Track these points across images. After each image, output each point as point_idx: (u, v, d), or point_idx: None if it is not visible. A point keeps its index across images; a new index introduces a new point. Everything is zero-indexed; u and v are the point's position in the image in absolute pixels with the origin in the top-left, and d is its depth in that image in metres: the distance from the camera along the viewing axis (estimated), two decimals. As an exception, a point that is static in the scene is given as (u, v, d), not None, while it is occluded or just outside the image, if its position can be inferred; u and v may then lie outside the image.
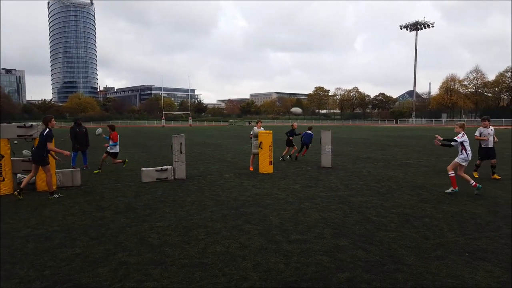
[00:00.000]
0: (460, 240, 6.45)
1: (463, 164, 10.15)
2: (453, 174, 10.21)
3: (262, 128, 15.28)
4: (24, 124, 11.48)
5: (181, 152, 13.09)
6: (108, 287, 4.79)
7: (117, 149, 15.02)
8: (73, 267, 5.42)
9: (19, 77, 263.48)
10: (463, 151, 10.04)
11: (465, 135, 10.05)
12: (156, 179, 12.58)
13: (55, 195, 10.19)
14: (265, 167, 14.24)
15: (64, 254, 5.97)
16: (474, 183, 9.98)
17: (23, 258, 5.83)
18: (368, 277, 5.00)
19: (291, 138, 17.83)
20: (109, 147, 14.89)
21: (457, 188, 10.17)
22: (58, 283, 4.92)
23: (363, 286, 4.75)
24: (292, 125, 18.42)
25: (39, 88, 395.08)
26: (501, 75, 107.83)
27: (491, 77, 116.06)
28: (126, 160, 16.11)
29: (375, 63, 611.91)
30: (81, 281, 4.97)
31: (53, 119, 10.57)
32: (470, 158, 10.05)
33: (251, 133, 15.42)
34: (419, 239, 6.52)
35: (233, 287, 4.76)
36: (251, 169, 15.03)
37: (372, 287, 4.72)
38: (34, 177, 10.97)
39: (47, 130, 10.18)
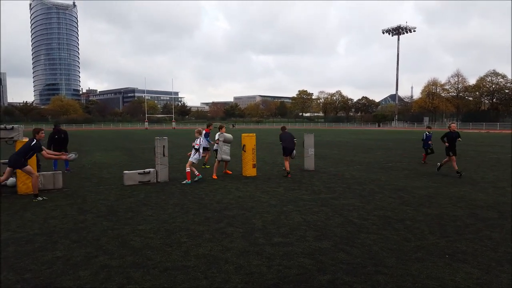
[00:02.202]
0: (440, 242, 6.53)
1: None
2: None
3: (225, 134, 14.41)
4: (5, 126, 11.33)
5: (164, 155, 13.03)
6: (89, 291, 4.76)
7: None
8: (54, 270, 5.36)
9: (0, 79, 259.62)
10: None
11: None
12: (139, 182, 12.51)
13: (39, 198, 10.09)
14: (249, 170, 14.25)
15: (45, 257, 5.90)
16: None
17: (3, 261, 5.74)
18: (349, 279, 5.04)
19: None
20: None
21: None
22: (39, 287, 4.87)
23: (344, 288, 4.79)
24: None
25: (21, 90, 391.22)
26: (482, 79, 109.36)
27: (472, 81, 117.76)
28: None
29: (358, 66, 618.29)
30: (62, 284, 4.92)
31: (42, 132, 10.55)
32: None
33: (217, 138, 14.30)
34: (400, 241, 6.59)
35: (215, 290, 4.76)
36: (214, 176, 13.89)
37: (353, 289, 4.76)
38: (14, 180, 10.87)
39: (35, 141, 10.19)
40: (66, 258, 5.84)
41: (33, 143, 10.18)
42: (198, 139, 13.21)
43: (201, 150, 13.38)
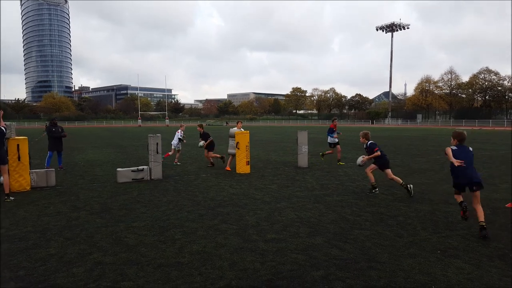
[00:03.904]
0: (432, 238, 6.59)
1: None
2: None
3: (241, 129, 15.26)
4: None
5: (157, 152, 13.02)
6: (83, 287, 4.76)
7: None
8: (48, 268, 5.37)
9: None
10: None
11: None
12: (132, 179, 12.50)
13: (11, 198, 9.95)
14: (242, 167, 14.27)
15: (39, 254, 5.90)
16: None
17: (-5, 259, 5.74)
18: (342, 274, 5.08)
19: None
20: None
21: None
22: (33, 284, 4.87)
23: (337, 283, 4.83)
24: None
25: (12, 87, 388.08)
26: (475, 77, 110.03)
27: (465, 78, 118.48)
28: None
29: (352, 64, 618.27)
30: (56, 281, 4.92)
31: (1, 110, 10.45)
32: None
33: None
34: (393, 237, 6.64)
35: (209, 286, 4.78)
36: (227, 168, 15.05)
37: (346, 284, 4.80)
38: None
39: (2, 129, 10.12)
40: (60, 255, 5.84)
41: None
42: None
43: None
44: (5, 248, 6.22)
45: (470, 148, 7.33)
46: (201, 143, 16.12)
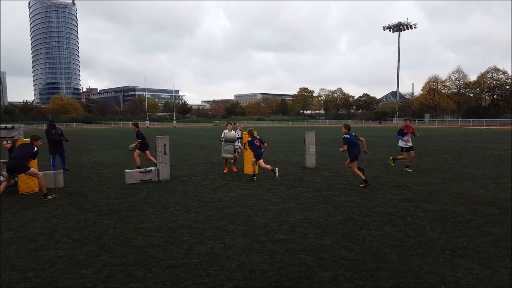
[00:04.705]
0: (441, 238, 6.55)
1: None
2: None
3: (239, 131, 15.06)
4: (5, 126, 11.35)
5: (165, 154, 13.05)
6: (91, 289, 4.78)
7: None
8: (56, 269, 5.39)
9: (0, 78, 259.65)
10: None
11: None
12: (140, 180, 12.53)
13: (49, 197, 10.18)
14: (250, 167, 14.24)
15: (47, 256, 5.93)
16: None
17: (5, 260, 5.77)
18: (351, 275, 5.06)
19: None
20: None
21: None
22: (41, 286, 4.89)
23: (346, 284, 4.81)
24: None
25: (21, 89, 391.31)
26: (483, 76, 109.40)
27: (473, 77, 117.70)
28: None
29: (359, 63, 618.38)
30: (64, 283, 4.94)
31: (40, 140, 10.65)
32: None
33: (222, 136, 14.75)
34: (401, 237, 6.61)
35: (217, 287, 4.78)
36: (225, 170, 14.82)
37: (355, 285, 4.78)
38: (15, 180, 10.90)
39: (35, 149, 10.38)
40: (68, 257, 5.87)
41: (34, 150, 10.34)
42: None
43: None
44: (13, 250, 6.25)
45: (355, 134, 11.75)
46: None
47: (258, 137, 13.20)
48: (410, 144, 14.40)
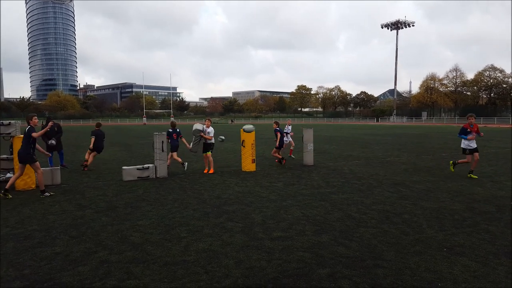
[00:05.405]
0: (438, 235, 6.56)
1: None
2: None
3: (210, 128, 14.54)
4: (2, 122, 11.30)
5: (162, 151, 13.03)
6: (89, 286, 4.77)
7: None
8: (53, 266, 5.38)
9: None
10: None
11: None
12: (138, 177, 12.51)
13: (46, 193, 10.11)
14: (248, 165, 14.26)
15: (44, 253, 5.91)
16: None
17: (2, 257, 5.75)
18: (348, 272, 5.06)
19: None
20: None
21: None
22: (38, 283, 4.88)
23: (343, 281, 4.81)
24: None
25: (17, 86, 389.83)
26: (480, 74, 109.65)
27: (470, 75, 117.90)
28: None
29: (357, 62, 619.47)
30: (61, 280, 4.93)
31: (35, 117, 10.41)
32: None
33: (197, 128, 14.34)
34: (399, 235, 6.62)
35: (215, 284, 4.77)
36: (205, 171, 14.25)
37: (352, 282, 4.78)
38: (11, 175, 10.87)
39: (29, 127, 10.11)
40: (65, 254, 5.85)
41: (27, 128, 10.11)
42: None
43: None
44: (10, 247, 6.24)
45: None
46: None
47: (178, 130, 14.91)
48: (474, 145, 12.51)
